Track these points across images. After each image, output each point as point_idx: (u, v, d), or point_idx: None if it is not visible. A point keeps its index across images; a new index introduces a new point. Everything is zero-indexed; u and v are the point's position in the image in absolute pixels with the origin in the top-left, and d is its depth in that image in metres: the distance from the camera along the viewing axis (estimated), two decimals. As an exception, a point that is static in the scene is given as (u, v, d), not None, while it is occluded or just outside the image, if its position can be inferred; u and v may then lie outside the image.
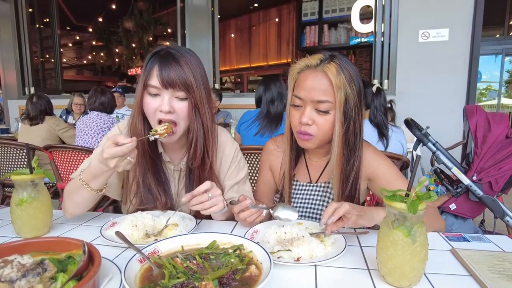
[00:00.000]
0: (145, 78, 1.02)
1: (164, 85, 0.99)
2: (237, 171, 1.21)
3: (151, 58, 1.04)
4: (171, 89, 1.00)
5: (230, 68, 9.58)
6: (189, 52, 1.06)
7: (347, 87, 0.97)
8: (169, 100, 1.01)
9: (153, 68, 1.01)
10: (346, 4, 6.20)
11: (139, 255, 0.74)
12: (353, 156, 1.05)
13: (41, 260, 0.64)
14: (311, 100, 0.99)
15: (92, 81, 12.28)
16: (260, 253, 0.76)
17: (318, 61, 1.00)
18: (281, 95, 2.55)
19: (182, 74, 1.00)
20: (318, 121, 1.00)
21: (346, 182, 1.06)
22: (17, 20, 5.51)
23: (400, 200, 0.69)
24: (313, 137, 1.02)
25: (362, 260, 0.82)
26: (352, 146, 1.04)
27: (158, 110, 1.01)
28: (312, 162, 1.19)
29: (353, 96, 0.99)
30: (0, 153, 2.84)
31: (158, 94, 1.02)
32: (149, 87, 1.02)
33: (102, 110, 3.02)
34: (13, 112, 5.61)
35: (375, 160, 1.10)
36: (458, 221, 1.96)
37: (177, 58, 1.01)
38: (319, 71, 0.99)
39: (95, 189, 0.99)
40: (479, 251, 0.85)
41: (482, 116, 1.87)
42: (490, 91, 9.80)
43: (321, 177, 1.17)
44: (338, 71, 0.97)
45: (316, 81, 0.98)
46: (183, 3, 4.97)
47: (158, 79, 0.99)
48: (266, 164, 1.26)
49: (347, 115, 0.99)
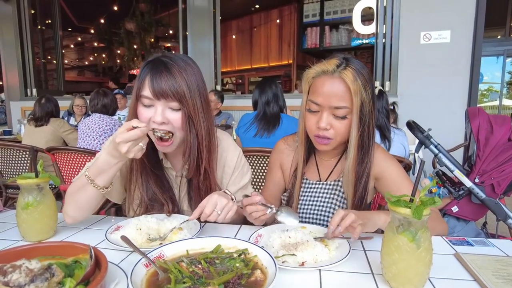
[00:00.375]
0: (138, 89, 1.00)
1: (156, 95, 0.97)
2: (241, 176, 1.21)
3: (144, 67, 1.02)
4: (163, 99, 0.98)
5: (231, 69, 9.59)
6: (184, 60, 1.04)
7: (363, 92, 0.99)
8: (162, 111, 0.99)
9: (145, 78, 0.99)
10: (347, 6, 6.21)
11: (145, 260, 0.75)
12: (366, 158, 1.08)
13: (49, 265, 0.65)
14: (329, 106, 1.00)
15: (93, 82, 12.31)
16: (265, 258, 0.76)
17: (334, 66, 1.00)
18: (276, 97, 2.59)
19: (174, 84, 0.97)
20: (336, 125, 1.02)
21: (359, 184, 1.09)
22: (20, 21, 5.53)
23: (405, 206, 0.70)
24: (331, 141, 1.05)
25: (367, 265, 0.82)
26: (366, 148, 1.07)
27: (151, 120, 1.00)
28: (322, 161, 1.21)
29: (368, 100, 1.01)
30: (3, 155, 2.85)
31: (151, 105, 1.00)
32: (142, 98, 1.00)
33: (104, 112, 3.03)
34: (15, 114, 5.62)
35: (384, 161, 1.12)
36: (460, 223, 1.96)
37: (169, 67, 0.99)
38: (336, 77, 0.99)
39: (100, 186, 0.98)
40: (483, 255, 0.85)
41: (484, 118, 1.87)
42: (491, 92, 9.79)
43: (331, 176, 1.19)
44: (355, 76, 0.98)
45: (334, 88, 0.99)
46: (184, 4, 4.98)
47: (150, 90, 0.98)
48: (276, 162, 1.27)
49: (362, 119, 1.02)
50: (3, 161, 2.88)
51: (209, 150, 1.09)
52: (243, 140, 2.70)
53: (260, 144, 2.51)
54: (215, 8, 4.93)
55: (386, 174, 1.11)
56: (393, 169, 1.11)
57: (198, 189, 1.12)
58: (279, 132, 2.54)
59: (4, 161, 2.88)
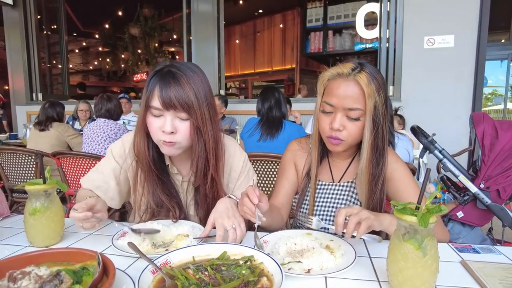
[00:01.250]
0: (147, 99, 1.02)
1: (165, 106, 0.99)
2: (247, 181, 1.22)
3: (153, 77, 1.03)
4: (172, 110, 1.00)
5: (235, 74, 9.63)
6: (192, 69, 1.05)
7: (376, 96, 1.01)
8: (171, 120, 1.01)
9: (154, 89, 1.01)
10: (351, 10, 6.23)
11: (152, 266, 0.75)
12: (381, 161, 1.09)
13: (57, 272, 0.66)
14: (343, 107, 1.03)
15: (98, 87, 12.41)
16: (271, 265, 0.77)
17: (349, 70, 1.03)
18: (278, 103, 2.65)
19: (182, 95, 0.99)
20: (349, 127, 1.04)
21: (375, 187, 1.09)
22: (26, 27, 5.60)
23: (411, 213, 0.70)
24: (343, 142, 1.06)
25: (372, 272, 0.82)
26: (380, 151, 1.08)
27: (161, 130, 1.02)
28: (335, 163, 1.22)
29: (381, 104, 1.03)
30: (9, 159, 2.88)
31: (161, 115, 1.02)
32: (152, 109, 1.02)
33: (108, 117, 3.04)
34: (21, 118, 5.67)
35: (394, 162, 1.14)
36: (465, 229, 1.95)
37: (178, 78, 1.00)
38: (351, 80, 1.02)
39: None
40: (490, 263, 0.85)
41: (489, 123, 1.87)
42: (496, 96, 9.75)
43: (344, 177, 1.20)
44: (369, 80, 1.01)
45: (348, 90, 1.02)
46: (188, 9, 5.02)
47: (159, 101, 0.99)
48: (291, 161, 1.27)
49: (376, 122, 1.03)
50: (9, 165, 2.91)
51: (216, 158, 1.11)
52: (247, 144, 2.73)
53: (264, 148, 2.54)
54: (219, 13, 4.96)
55: (396, 175, 1.13)
56: (403, 171, 1.14)
57: (205, 196, 1.13)
58: (282, 136, 2.57)
59: (10, 165, 2.90)
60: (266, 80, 9.57)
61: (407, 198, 1.07)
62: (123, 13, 8.78)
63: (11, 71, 5.73)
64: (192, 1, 4.95)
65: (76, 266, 0.73)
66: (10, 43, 5.68)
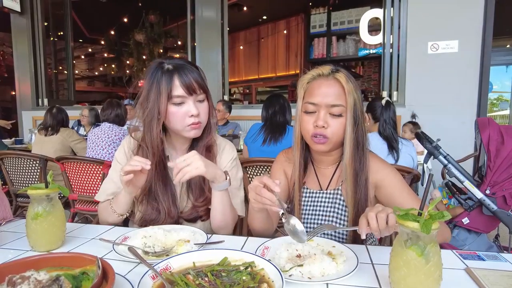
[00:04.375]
0: (169, 91, 1.10)
1: (189, 91, 1.11)
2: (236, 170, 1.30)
3: (166, 71, 1.12)
4: (194, 94, 1.12)
5: (239, 80, 9.66)
6: (192, 63, 1.19)
7: (354, 93, 1.07)
8: (194, 104, 1.13)
9: (173, 80, 1.10)
10: (354, 16, 6.25)
11: (152, 272, 0.75)
12: (363, 157, 1.11)
13: (57, 276, 0.65)
14: (326, 104, 1.07)
15: (103, 92, 12.51)
16: (271, 271, 0.76)
17: (329, 70, 1.10)
18: (283, 109, 2.67)
19: (198, 79, 1.13)
20: (332, 124, 1.07)
21: (358, 186, 1.10)
22: (33, 33, 5.69)
23: (413, 220, 0.69)
24: (327, 140, 1.08)
25: (375, 279, 0.81)
26: (360, 148, 1.10)
27: (187, 116, 1.12)
28: (320, 170, 1.22)
29: (359, 101, 1.09)
30: (14, 164, 2.90)
31: (182, 102, 1.12)
32: (174, 98, 1.11)
33: (116, 122, 3.07)
34: (27, 123, 5.73)
35: (382, 169, 1.14)
36: (471, 235, 1.92)
37: (190, 67, 1.14)
38: (332, 78, 1.09)
39: (117, 213, 1.17)
40: (495, 270, 0.83)
41: (495, 129, 1.85)
42: (501, 101, 9.68)
43: (330, 184, 1.20)
44: (347, 79, 1.08)
45: (330, 88, 1.08)
46: (193, 16, 5.07)
47: (183, 89, 1.10)
48: (280, 170, 1.29)
49: (355, 118, 1.08)
50: (14, 170, 2.93)
51: (210, 129, 1.25)
52: (251, 149, 2.73)
53: (268, 152, 2.54)
54: (223, 20, 5.00)
55: (386, 181, 1.12)
56: (392, 176, 1.13)
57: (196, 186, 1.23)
58: (286, 140, 2.57)
59: (15, 170, 2.93)
60: (270, 85, 9.60)
61: (404, 203, 1.06)
62: (128, 20, 8.88)
63: (18, 77, 5.81)
64: (197, 8, 5.00)
65: (76, 271, 0.72)
66: (17, 50, 5.77)
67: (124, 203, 1.15)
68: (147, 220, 1.19)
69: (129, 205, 1.17)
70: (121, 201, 1.15)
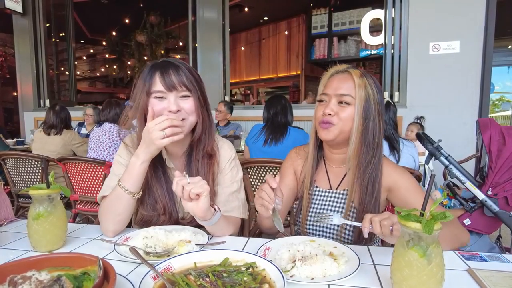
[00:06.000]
0: (148, 87, 1.09)
1: (168, 88, 1.08)
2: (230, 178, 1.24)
3: (151, 69, 1.11)
4: (175, 91, 1.08)
5: (240, 80, 9.68)
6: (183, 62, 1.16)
7: (368, 88, 1.09)
8: (174, 100, 1.09)
9: (154, 76, 1.09)
10: (355, 17, 6.24)
11: (153, 272, 0.75)
12: (371, 152, 1.10)
13: (58, 277, 0.65)
14: (335, 94, 1.11)
15: (104, 93, 12.54)
16: (273, 272, 0.76)
17: (346, 67, 1.16)
18: (284, 109, 2.67)
19: (182, 75, 1.09)
20: (339, 112, 1.10)
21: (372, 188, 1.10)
22: (35, 35, 5.71)
23: (415, 220, 0.68)
24: (333, 126, 1.10)
25: (376, 280, 0.81)
26: (371, 143, 1.10)
27: (166, 111, 1.08)
28: (332, 169, 1.23)
29: (374, 98, 1.09)
30: (16, 164, 2.91)
31: (163, 97, 1.09)
32: (154, 93, 1.09)
33: (116, 121, 3.07)
34: (29, 124, 5.74)
35: (395, 172, 1.14)
36: (473, 237, 1.91)
37: (175, 64, 1.11)
38: (346, 73, 1.13)
39: (132, 192, 1.07)
40: (498, 271, 0.83)
41: (496, 130, 1.85)
42: (503, 102, 9.66)
43: (341, 185, 1.20)
44: (362, 75, 1.11)
45: (341, 80, 1.12)
46: (194, 17, 5.08)
47: (162, 84, 1.08)
48: (290, 168, 1.30)
49: (367, 112, 1.09)
50: (16, 170, 2.93)
51: (210, 134, 1.20)
52: (252, 150, 2.73)
53: (269, 153, 2.54)
54: (224, 21, 5.01)
55: (399, 184, 1.12)
56: (406, 179, 1.13)
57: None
58: (287, 141, 2.56)
59: (16, 170, 2.93)
60: (271, 86, 9.61)
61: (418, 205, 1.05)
62: (129, 21, 8.91)
63: (20, 78, 5.83)
64: (198, 9, 5.00)
65: (77, 271, 0.72)
66: (19, 51, 5.79)
67: (140, 173, 1.06)
68: (147, 221, 1.18)
69: (143, 178, 1.08)
70: (135, 172, 1.06)
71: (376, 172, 1.11)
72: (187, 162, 1.22)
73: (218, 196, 1.21)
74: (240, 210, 1.23)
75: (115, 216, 1.09)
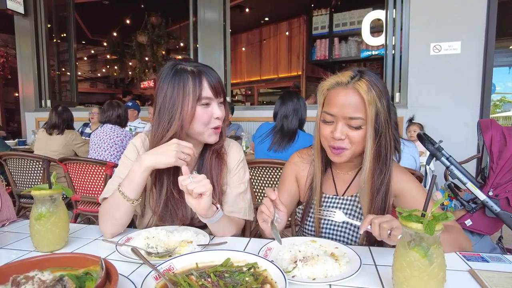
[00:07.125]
0: (199, 92, 1.09)
1: (215, 94, 1.12)
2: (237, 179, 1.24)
3: (191, 74, 1.10)
4: (219, 97, 1.14)
5: (241, 81, 9.69)
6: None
7: (377, 103, 0.98)
8: (218, 106, 1.14)
9: (202, 81, 1.11)
10: (356, 18, 6.25)
11: (155, 272, 0.75)
12: (385, 169, 1.05)
13: (61, 277, 0.66)
14: (343, 116, 1.01)
15: (105, 94, 12.57)
16: (274, 272, 0.76)
17: (348, 78, 1.01)
18: (296, 112, 2.49)
19: (220, 81, 1.16)
20: (351, 135, 1.02)
21: (377, 195, 1.06)
22: (36, 35, 5.72)
23: (416, 221, 0.69)
24: (345, 151, 1.04)
25: (378, 280, 0.81)
26: (383, 159, 1.04)
27: (213, 118, 1.13)
28: (338, 175, 1.19)
29: (383, 110, 1.00)
30: (18, 165, 2.91)
31: (208, 104, 1.12)
32: (203, 99, 1.10)
33: (118, 123, 3.08)
34: (30, 124, 5.75)
35: (403, 179, 1.11)
36: (474, 237, 1.91)
37: (213, 69, 1.17)
38: (350, 88, 1.00)
39: (131, 198, 1.04)
40: (499, 272, 0.83)
41: (497, 130, 1.84)
42: (504, 103, 9.64)
43: (348, 190, 1.17)
44: (369, 87, 0.98)
45: (348, 98, 1.00)
46: (195, 17, 5.08)
47: (210, 90, 1.11)
48: (292, 174, 1.25)
49: (378, 130, 1.00)
50: (17, 171, 2.94)
51: (222, 134, 1.22)
52: (257, 149, 2.65)
53: (273, 157, 2.46)
54: (225, 21, 5.01)
55: (406, 190, 1.09)
56: (413, 185, 1.10)
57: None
58: (292, 149, 2.45)
59: (18, 171, 2.94)
60: (272, 87, 9.61)
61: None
62: (130, 21, 8.92)
63: (21, 79, 5.84)
64: (199, 10, 5.01)
65: (79, 271, 0.73)
66: (20, 51, 5.80)
67: (141, 180, 1.03)
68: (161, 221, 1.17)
69: (143, 186, 1.06)
70: (136, 181, 1.03)
71: (388, 178, 1.07)
72: (200, 162, 1.22)
73: (225, 196, 1.21)
74: (246, 211, 1.22)
75: (114, 220, 1.08)
